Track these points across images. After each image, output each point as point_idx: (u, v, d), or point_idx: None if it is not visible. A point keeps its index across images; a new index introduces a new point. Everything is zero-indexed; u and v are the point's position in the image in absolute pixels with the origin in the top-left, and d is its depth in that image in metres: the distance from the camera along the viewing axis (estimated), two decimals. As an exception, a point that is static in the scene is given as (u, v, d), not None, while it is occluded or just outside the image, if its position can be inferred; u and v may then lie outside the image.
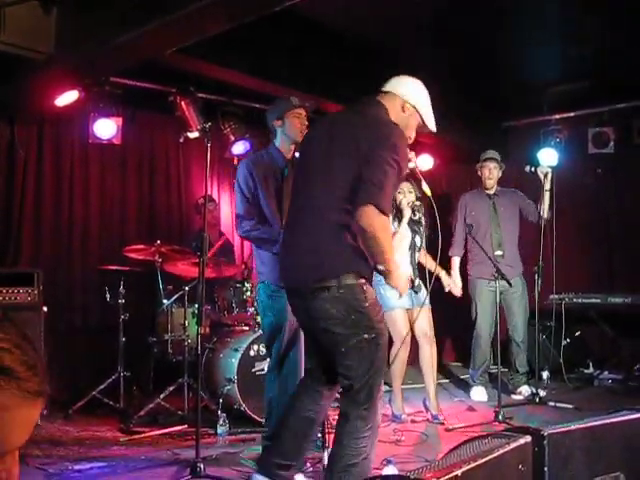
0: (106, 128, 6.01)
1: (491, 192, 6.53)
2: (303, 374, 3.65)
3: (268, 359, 4.34)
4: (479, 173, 6.58)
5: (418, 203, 5.36)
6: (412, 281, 5.37)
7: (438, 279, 5.65)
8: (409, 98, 3.32)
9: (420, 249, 5.50)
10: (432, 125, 3.40)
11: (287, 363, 4.12)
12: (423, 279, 5.47)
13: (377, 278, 5.36)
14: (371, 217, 2.93)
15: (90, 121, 6.00)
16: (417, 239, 5.47)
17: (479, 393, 6.36)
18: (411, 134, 3.34)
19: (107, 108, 5.96)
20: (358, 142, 3.05)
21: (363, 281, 3.08)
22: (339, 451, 3.09)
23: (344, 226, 3.04)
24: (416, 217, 5.38)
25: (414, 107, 3.32)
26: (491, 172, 6.46)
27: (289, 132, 4.32)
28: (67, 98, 5.53)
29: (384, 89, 3.34)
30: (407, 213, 5.32)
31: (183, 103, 5.87)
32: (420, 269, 5.49)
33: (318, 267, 3.07)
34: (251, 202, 4.13)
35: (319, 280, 3.04)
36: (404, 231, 5.36)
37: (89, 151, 6.37)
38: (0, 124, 5.94)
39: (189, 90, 5.91)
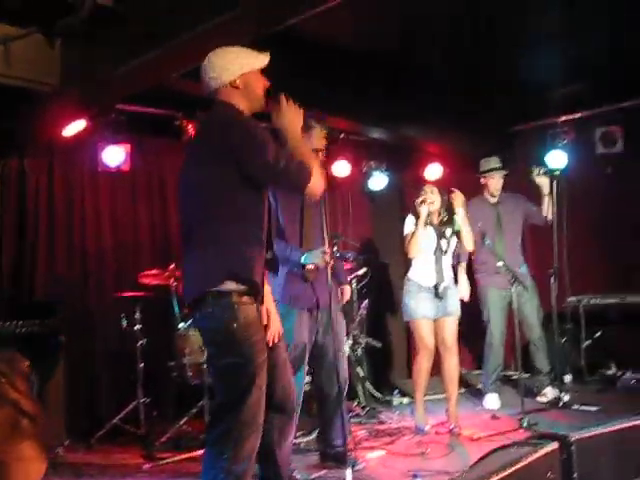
0: (114, 155, 6.02)
1: (494, 201, 6.52)
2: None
3: None
4: (482, 182, 6.57)
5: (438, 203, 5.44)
6: (436, 287, 5.36)
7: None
8: (227, 76, 3.11)
9: (446, 252, 5.46)
10: (261, 59, 3.20)
11: None
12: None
13: (404, 287, 5.30)
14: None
15: (98, 149, 6.03)
16: (443, 243, 5.43)
17: (492, 401, 6.29)
18: (261, 92, 3.17)
19: (114, 135, 5.98)
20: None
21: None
22: None
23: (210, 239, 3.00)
24: (440, 220, 5.44)
25: (242, 74, 3.11)
26: (498, 182, 6.47)
27: None
28: (74, 128, 5.55)
29: (210, 91, 3.16)
30: (423, 212, 5.32)
31: (190, 127, 5.90)
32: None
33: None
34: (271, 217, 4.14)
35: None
36: (422, 232, 5.35)
37: (99, 179, 6.38)
38: (10, 157, 5.97)
39: (195, 113, 5.94)
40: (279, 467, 3.38)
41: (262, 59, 3.18)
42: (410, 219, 5.50)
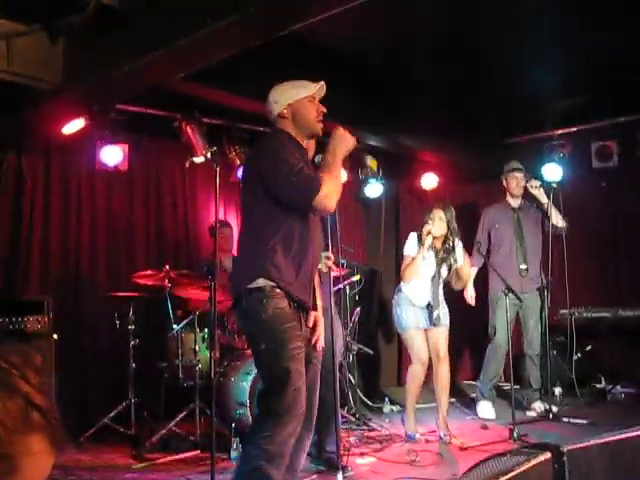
0: (112, 155, 6.04)
1: (515, 205, 6.58)
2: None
3: None
4: (504, 184, 6.62)
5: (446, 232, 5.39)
6: (429, 310, 5.36)
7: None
8: (277, 108, 3.43)
9: (444, 279, 5.45)
10: (316, 87, 3.47)
11: None
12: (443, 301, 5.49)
13: (395, 298, 5.30)
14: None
15: (96, 148, 6.04)
16: (443, 270, 5.43)
17: (486, 410, 6.28)
18: (313, 117, 3.45)
19: (113, 135, 6.00)
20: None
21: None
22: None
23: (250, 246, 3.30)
24: (444, 247, 5.40)
25: (288, 105, 3.42)
26: (519, 183, 6.53)
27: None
28: (73, 126, 5.55)
29: (270, 120, 3.50)
30: (427, 242, 5.29)
31: (188, 128, 5.89)
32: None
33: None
34: None
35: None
36: (423, 258, 5.33)
37: (96, 178, 6.38)
38: (7, 153, 5.97)
39: (194, 115, 5.94)
40: (291, 475, 3.40)
41: (311, 88, 3.46)
42: (413, 239, 5.44)
